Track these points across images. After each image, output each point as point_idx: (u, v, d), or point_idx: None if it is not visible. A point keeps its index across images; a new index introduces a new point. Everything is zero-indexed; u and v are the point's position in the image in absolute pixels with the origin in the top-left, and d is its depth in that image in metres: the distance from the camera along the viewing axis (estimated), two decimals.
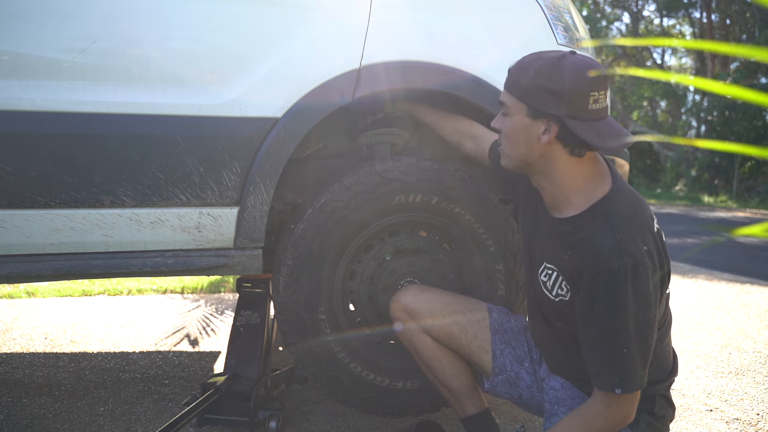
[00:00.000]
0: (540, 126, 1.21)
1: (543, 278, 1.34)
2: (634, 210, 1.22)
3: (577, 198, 1.25)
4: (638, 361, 1.16)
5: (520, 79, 1.22)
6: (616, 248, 1.15)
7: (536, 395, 1.49)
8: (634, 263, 1.14)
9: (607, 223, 1.19)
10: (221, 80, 1.54)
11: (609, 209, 1.21)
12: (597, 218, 1.21)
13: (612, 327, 1.16)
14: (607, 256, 1.16)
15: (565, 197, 1.26)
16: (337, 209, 1.68)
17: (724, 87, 0.46)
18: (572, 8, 1.94)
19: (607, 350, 1.18)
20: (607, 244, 1.17)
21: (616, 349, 1.16)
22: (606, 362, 1.18)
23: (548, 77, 1.17)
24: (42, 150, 1.45)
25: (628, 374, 1.16)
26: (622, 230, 1.17)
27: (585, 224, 1.23)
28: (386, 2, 1.64)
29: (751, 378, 2.36)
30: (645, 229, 1.19)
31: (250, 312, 1.98)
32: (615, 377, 1.17)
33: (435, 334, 1.52)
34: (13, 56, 1.43)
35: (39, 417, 1.91)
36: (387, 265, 1.80)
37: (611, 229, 1.18)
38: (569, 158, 1.23)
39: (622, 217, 1.19)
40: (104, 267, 1.56)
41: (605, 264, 1.15)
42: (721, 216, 10.52)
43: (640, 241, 1.16)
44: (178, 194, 1.55)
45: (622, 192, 1.24)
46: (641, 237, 1.17)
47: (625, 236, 1.16)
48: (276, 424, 1.74)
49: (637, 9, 21.38)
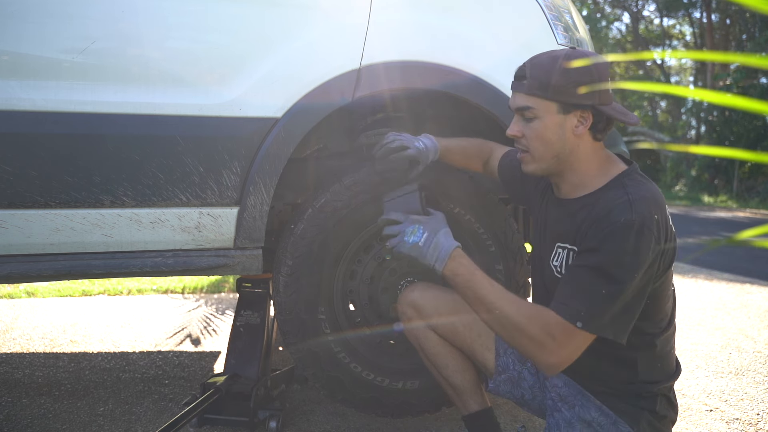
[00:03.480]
0: (572, 120, 1.26)
1: (555, 263, 1.35)
2: (651, 187, 1.25)
3: (594, 180, 1.30)
4: (610, 309, 1.16)
5: (549, 79, 1.24)
6: (627, 205, 1.17)
7: (538, 395, 1.49)
8: (642, 222, 1.15)
9: (622, 189, 1.22)
10: (221, 80, 1.54)
11: (625, 181, 1.25)
12: (613, 188, 1.25)
13: (601, 269, 1.16)
14: (617, 212, 1.18)
15: (583, 182, 1.30)
16: (337, 209, 1.68)
17: (722, 97, 0.46)
18: (572, 8, 1.94)
19: (585, 285, 1.18)
20: (619, 202, 1.19)
21: (596, 288, 1.16)
22: (580, 294, 1.17)
23: (578, 72, 1.22)
24: (42, 150, 1.45)
25: (596, 313, 1.15)
26: (636, 195, 1.20)
27: (601, 195, 1.26)
28: (386, 2, 1.64)
29: (751, 378, 2.36)
30: (658, 203, 1.21)
31: (250, 312, 1.98)
32: (582, 310, 1.16)
33: (440, 331, 1.53)
34: (13, 56, 1.43)
35: (39, 417, 1.91)
36: (387, 265, 1.80)
37: (625, 193, 1.21)
38: (593, 144, 1.29)
39: (638, 188, 1.22)
40: (104, 267, 1.56)
41: (613, 217, 1.17)
42: (721, 216, 10.52)
43: (652, 210, 1.18)
44: (178, 194, 1.55)
45: (638, 173, 1.29)
46: (654, 207, 1.19)
47: (637, 199, 1.19)
48: (276, 424, 1.74)
49: (637, 9, 21.39)
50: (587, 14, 18.90)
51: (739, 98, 0.44)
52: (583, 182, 1.31)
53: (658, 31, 22.44)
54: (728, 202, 13.71)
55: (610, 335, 1.18)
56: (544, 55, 1.27)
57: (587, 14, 18.90)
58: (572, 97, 1.23)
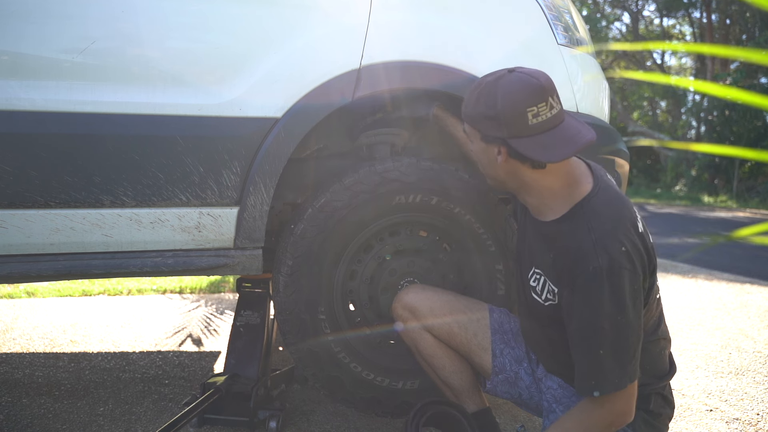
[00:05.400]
0: (493, 149, 1.24)
1: (532, 283, 1.35)
2: (614, 210, 1.20)
3: (557, 203, 1.26)
4: (615, 362, 1.15)
5: (467, 108, 1.26)
6: (591, 250, 1.15)
7: (535, 395, 1.49)
8: (610, 264, 1.13)
9: (584, 225, 1.19)
10: (221, 80, 1.54)
11: (587, 210, 1.21)
12: (575, 220, 1.21)
13: (588, 328, 1.16)
14: (583, 258, 1.16)
15: (546, 204, 1.28)
16: (337, 209, 1.68)
17: (724, 90, 0.46)
18: (572, 8, 1.94)
19: (584, 351, 1.18)
20: (584, 246, 1.17)
21: (592, 350, 1.16)
22: (583, 364, 1.18)
23: (485, 103, 1.21)
24: (42, 150, 1.45)
25: (605, 375, 1.16)
26: (599, 231, 1.16)
27: (565, 227, 1.23)
28: (386, 2, 1.64)
29: (751, 378, 2.36)
30: (625, 229, 1.17)
31: (250, 312, 1.98)
32: (592, 380, 1.17)
33: (436, 332, 1.53)
34: (13, 56, 1.43)
35: (39, 417, 1.91)
36: (387, 265, 1.80)
37: (588, 231, 1.17)
38: (534, 171, 1.25)
39: (600, 218, 1.19)
40: (104, 267, 1.56)
41: (582, 265, 1.16)
42: (721, 216, 10.52)
43: (617, 242, 1.15)
44: (178, 194, 1.55)
45: (603, 192, 1.24)
46: (620, 237, 1.16)
47: (601, 237, 1.16)
48: (276, 424, 1.74)
49: (637, 9, 21.39)
50: (587, 14, 18.90)
51: (740, 91, 0.44)
52: (546, 204, 1.28)
53: (658, 31, 22.45)
54: (728, 202, 13.70)
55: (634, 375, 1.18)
56: (477, 82, 1.26)
57: (587, 14, 18.90)
58: (485, 128, 1.22)
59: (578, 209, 1.22)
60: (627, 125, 18.89)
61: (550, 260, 1.26)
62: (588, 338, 1.16)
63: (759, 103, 0.44)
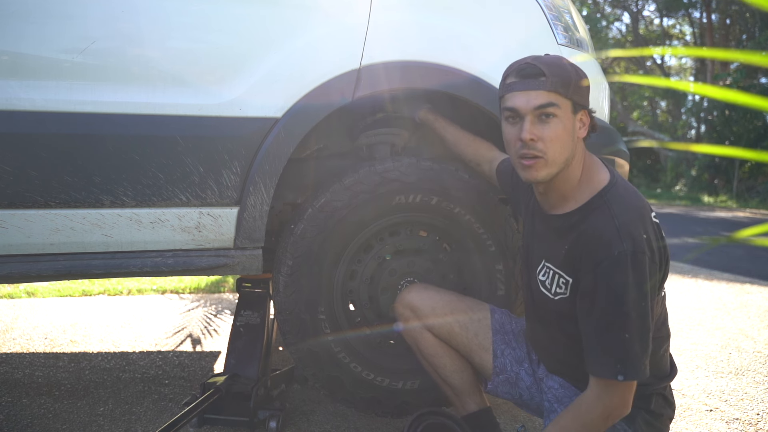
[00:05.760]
0: (577, 122, 1.24)
1: (541, 278, 1.34)
2: (635, 199, 1.23)
3: (580, 193, 1.27)
4: (639, 348, 1.15)
5: (570, 76, 1.21)
6: (616, 235, 1.15)
7: (536, 396, 1.49)
8: (634, 249, 1.14)
9: (606, 212, 1.20)
10: (221, 80, 1.54)
11: (609, 199, 1.22)
12: (597, 208, 1.22)
13: (614, 314, 1.15)
14: (607, 243, 1.16)
15: (571, 193, 1.28)
16: (337, 209, 1.68)
17: (723, 92, 0.46)
18: (572, 8, 1.94)
19: (609, 338, 1.16)
20: (606, 231, 1.17)
21: (618, 336, 1.15)
22: (608, 350, 1.17)
23: (576, 72, 1.23)
24: (42, 150, 1.45)
25: (630, 360, 1.15)
26: (623, 218, 1.18)
27: (585, 216, 1.23)
28: (386, 2, 1.64)
29: (751, 378, 2.36)
30: (645, 217, 1.19)
31: (250, 312, 1.98)
32: (618, 364, 1.15)
33: (437, 332, 1.53)
34: (13, 56, 1.43)
35: (39, 417, 1.91)
36: (387, 265, 1.80)
37: (611, 217, 1.18)
38: (584, 150, 1.29)
39: (622, 206, 1.20)
40: (104, 267, 1.56)
41: (605, 251, 1.16)
42: (721, 216, 10.52)
43: (641, 229, 1.16)
44: (178, 194, 1.55)
45: (620, 183, 1.26)
46: (641, 225, 1.17)
47: (624, 223, 1.17)
48: (276, 424, 1.74)
49: (637, 9, 21.39)
50: (587, 14, 18.91)
51: (738, 93, 0.44)
52: (569, 192, 1.28)
53: (658, 31, 22.45)
54: (728, 202, 13.70)
55: (642, 381, 1.19)
56: (545, 57, 1.26)
57: (587, 14, 18.91)
58: (583, 96, 1.23)
59: (598, 199, 1.23)
60: (627, 125, 18.90)
61: (564, 251, 1.25)
62: (614, 324, 1.15)
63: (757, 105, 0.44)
